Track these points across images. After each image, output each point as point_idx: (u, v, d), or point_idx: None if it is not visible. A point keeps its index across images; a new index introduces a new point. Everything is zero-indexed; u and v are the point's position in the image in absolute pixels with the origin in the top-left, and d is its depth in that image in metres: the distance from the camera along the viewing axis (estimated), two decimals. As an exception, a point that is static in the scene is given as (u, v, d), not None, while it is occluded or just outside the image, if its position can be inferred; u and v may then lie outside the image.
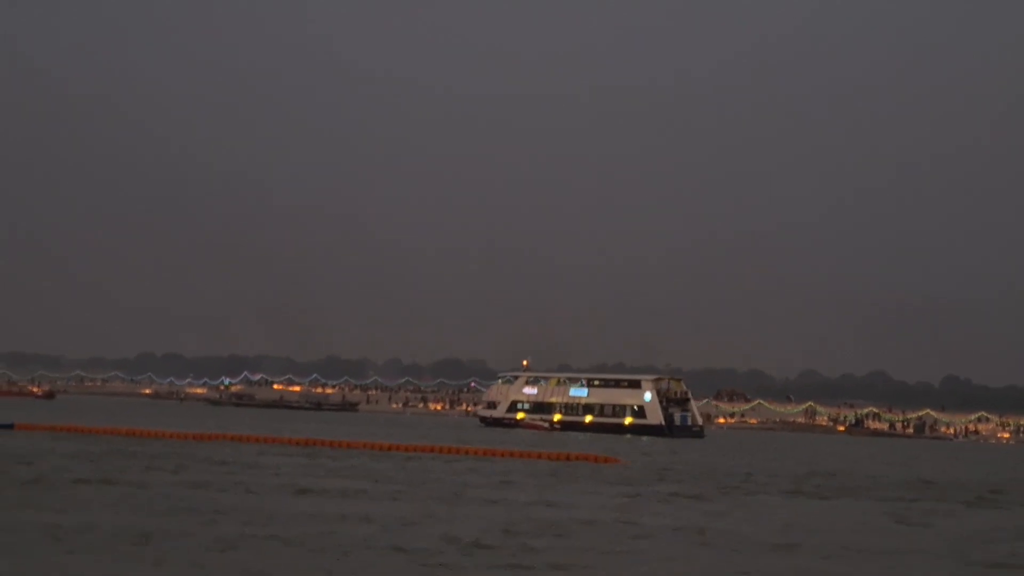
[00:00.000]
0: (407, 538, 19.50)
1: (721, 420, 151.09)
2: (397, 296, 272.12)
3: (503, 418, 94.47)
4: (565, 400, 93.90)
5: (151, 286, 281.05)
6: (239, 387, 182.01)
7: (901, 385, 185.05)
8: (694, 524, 23.88)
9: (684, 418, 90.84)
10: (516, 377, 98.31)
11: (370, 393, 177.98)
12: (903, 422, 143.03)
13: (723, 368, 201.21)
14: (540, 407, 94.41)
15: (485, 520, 22.59)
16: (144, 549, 17.08)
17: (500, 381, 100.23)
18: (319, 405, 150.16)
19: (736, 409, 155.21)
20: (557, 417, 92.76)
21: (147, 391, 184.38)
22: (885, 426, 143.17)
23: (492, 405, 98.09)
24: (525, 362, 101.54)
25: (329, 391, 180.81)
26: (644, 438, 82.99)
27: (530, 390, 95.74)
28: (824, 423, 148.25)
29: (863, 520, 26.73)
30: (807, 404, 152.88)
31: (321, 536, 19.29)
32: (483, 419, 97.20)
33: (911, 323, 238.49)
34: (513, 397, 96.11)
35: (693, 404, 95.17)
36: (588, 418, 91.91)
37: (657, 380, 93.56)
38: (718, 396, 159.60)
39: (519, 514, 23.90)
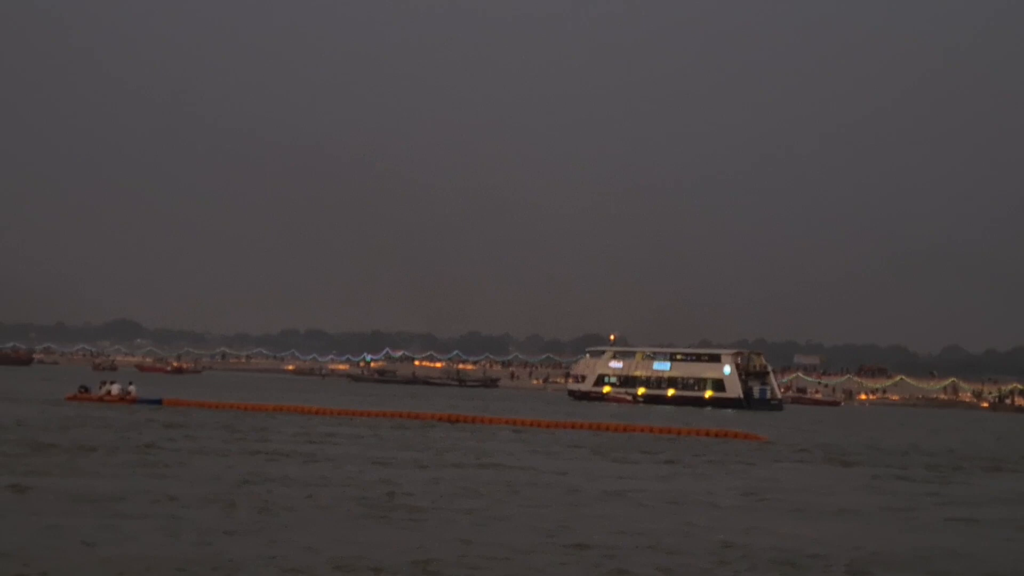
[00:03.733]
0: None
1: (863, 396, 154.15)
2: (538, 272, 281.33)
3: (590, 392, 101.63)
4: (649, 374, 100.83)
5: (294, 263, 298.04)
6: (380, 363, 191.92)
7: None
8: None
9: (763, 391, 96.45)
10: (603, 351, 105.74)
11: (512, 369, 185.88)
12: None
13: (865, 344, 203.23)
14: (626, 381, 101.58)
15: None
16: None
17: (588, 355, 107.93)
18: (461, 381, 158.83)
19: (878, 385, 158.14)
20: (641, 391, 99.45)
21: (290, 367, 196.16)
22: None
23: (580, 379, 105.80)
24: (612, 336, 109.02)
25: (469, 367, 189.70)
26: (724, 411, 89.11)
27: (616, 364, 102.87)
28: (968, 399, 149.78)
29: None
30: (950, 380, 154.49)
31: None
32: (571, 392, 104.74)
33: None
34: (600, 371, 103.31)
35: (772, 377, 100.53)
36: (671, 392, 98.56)
37: (737, 354, 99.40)
38: (860, 372, 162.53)
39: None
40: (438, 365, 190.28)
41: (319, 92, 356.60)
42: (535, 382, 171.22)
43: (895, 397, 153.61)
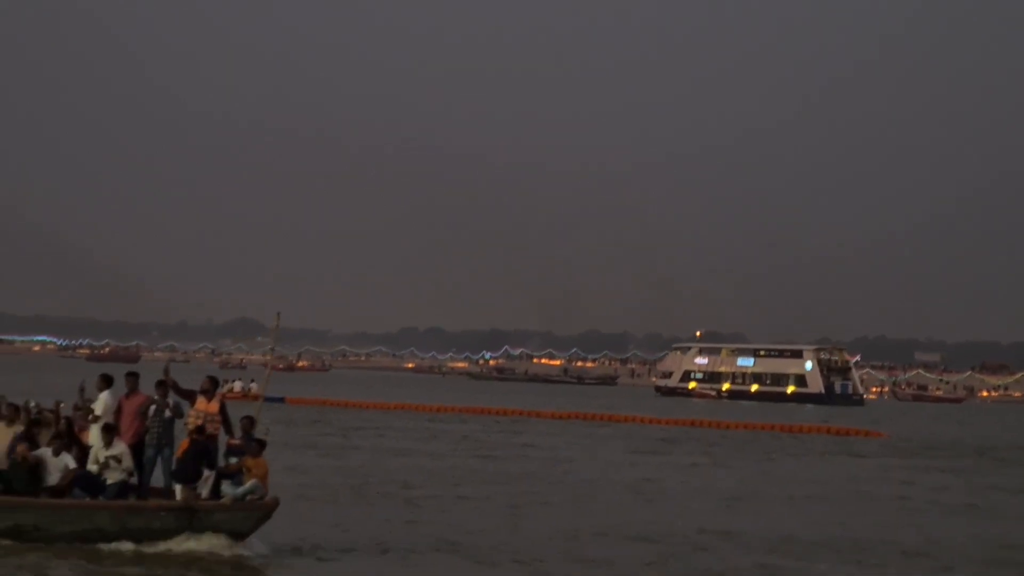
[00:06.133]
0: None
1: (984, 393, 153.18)
2: (657, 270, 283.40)
3: (676, 387, 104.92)
4: (733, 370, 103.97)
5: (414, 262, 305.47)
6: (499, 361, 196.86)
7: None
8: None
9: (844, 387, 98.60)
10: (689, 348, 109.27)
11: (632, 367, 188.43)
12: None
13: (987, 340, 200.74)
14: (711, 377, 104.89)
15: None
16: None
17: (675, 351, 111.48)
18: (580, 379, 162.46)
19: (1000, 382, 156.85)
20: (726, 386, 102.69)
21: (409, 365, 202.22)
22: None
23: (666, 375, 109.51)
24: (698, 333, 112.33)
25: (589, 365, 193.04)
26: (806, 406, 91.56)
27: (702, 360, 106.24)
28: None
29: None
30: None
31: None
32: (658, 388, 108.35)
33: None
34: (686, 367, 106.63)
35: (854, 373, 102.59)
36: (754, 387, 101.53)
37: (818, 350, 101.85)
38: (982, 369, 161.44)
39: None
40: (556, 363, 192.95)
41: (432, 89, 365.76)
42: (654, 380, 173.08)
43: (1017, 394, 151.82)
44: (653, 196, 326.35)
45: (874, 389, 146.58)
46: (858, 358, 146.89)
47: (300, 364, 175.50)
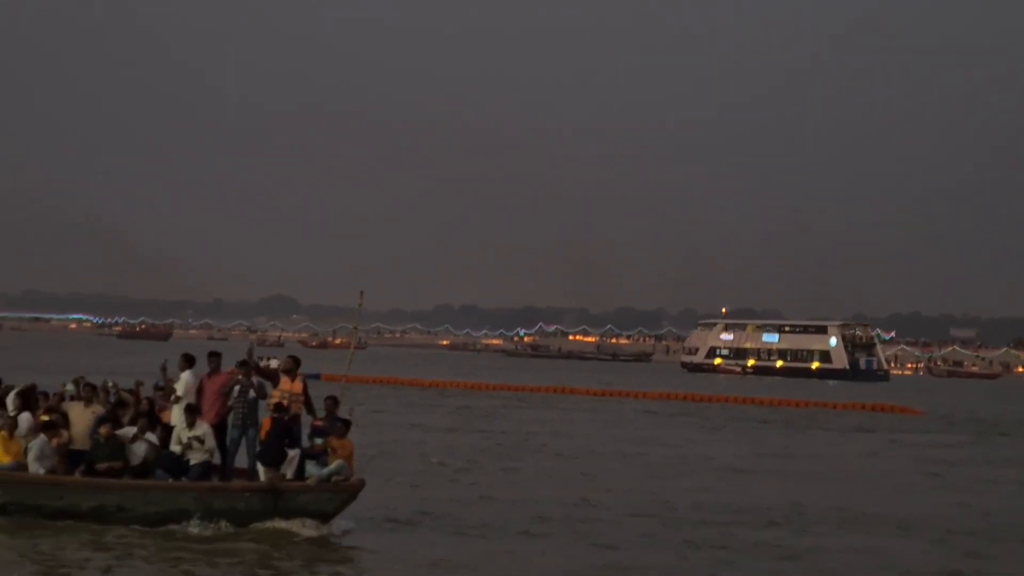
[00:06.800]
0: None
1: (1020, 369, 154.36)
2: (691, 247, 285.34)
3: (702, 364, 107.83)
4: (758, 346, 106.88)
5: (448, 239, 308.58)
6: (534, 338, 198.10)
7: None
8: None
9: (869, 363, 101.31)
10: (715, 324, 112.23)
11: (667, 343, 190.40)
12: None
13: (1023, 316, 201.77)
14: (736, 353, 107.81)
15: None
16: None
17: (700, 328, 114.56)
18: (614, 356, 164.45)
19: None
20: (751, 362, 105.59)
21: (444, 342, 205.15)
22: None
23: (692, 351, 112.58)
24: (724, 310, 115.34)
25: (623, 342, 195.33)
26: (829, 382, 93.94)
27: (727, 336, 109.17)
28: None
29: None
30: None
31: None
32: (684, 364, 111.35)
33: None
34: (711, 343, 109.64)
35: (879, 349, 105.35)
36: (779, 363, 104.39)
37: (843, 326, 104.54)
38: (1017, 345, 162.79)
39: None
40: (591, 339, 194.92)
41: (460, 63, 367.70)
42: (681, 356, 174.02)
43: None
44: (687, 169, 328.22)
45: (909, 365, 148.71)
46: (892, 334, 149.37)
47: (336, 341, 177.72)
